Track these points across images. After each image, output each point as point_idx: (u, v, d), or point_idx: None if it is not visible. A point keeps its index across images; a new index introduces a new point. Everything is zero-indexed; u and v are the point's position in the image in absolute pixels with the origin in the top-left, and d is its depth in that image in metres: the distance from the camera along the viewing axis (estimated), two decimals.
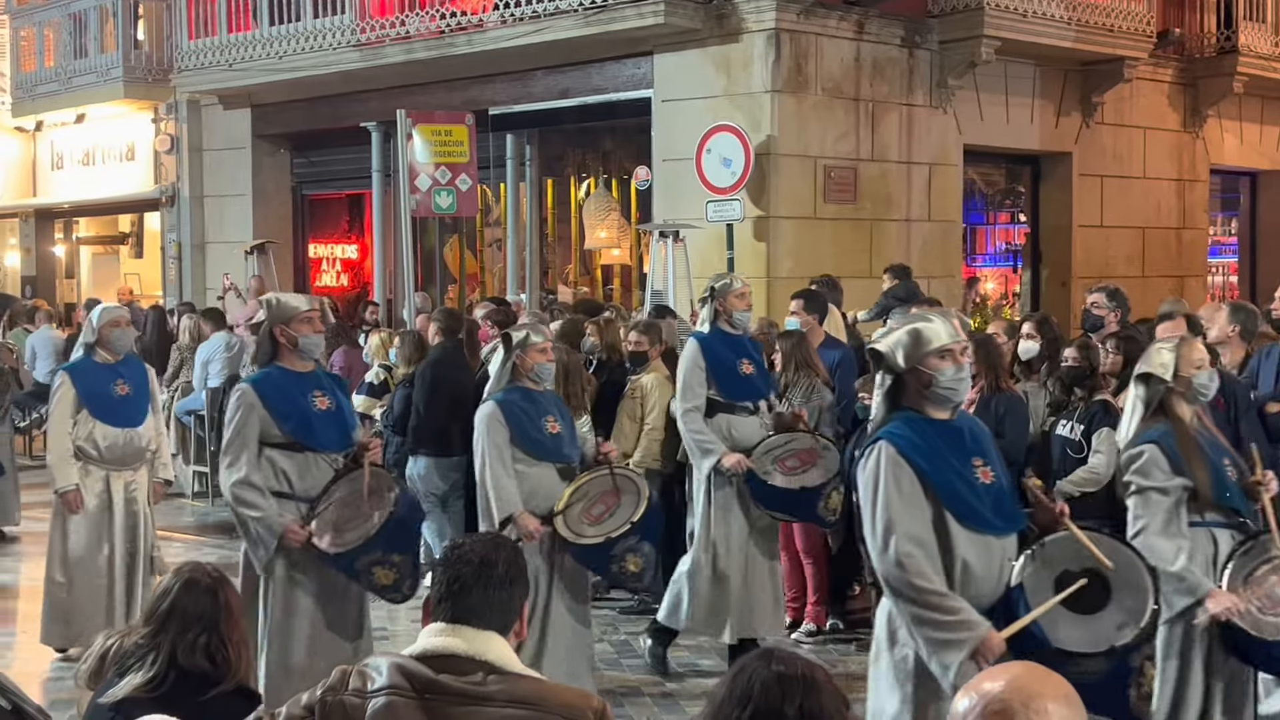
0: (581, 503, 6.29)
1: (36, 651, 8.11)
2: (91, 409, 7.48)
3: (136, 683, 3.59)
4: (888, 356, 4.31)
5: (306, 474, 5.91)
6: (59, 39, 18.50)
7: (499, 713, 2.78)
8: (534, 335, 6.43)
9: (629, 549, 6.19)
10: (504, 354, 6.38)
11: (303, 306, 6.02)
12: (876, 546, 4.19)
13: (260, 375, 6.04)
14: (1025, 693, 1.94)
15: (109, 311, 7.87)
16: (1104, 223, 15.09)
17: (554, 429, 6.36)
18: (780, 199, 12.26)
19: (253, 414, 5.86)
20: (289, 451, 5.89)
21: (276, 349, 5.99)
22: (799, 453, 7.20)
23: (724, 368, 7.32)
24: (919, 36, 13.07)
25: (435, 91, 14.33)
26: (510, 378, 6.37)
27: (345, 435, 6.05)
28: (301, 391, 5.95)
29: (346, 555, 5.71)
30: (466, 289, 16.12)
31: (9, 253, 22.09)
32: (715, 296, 7.43)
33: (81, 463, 7.44)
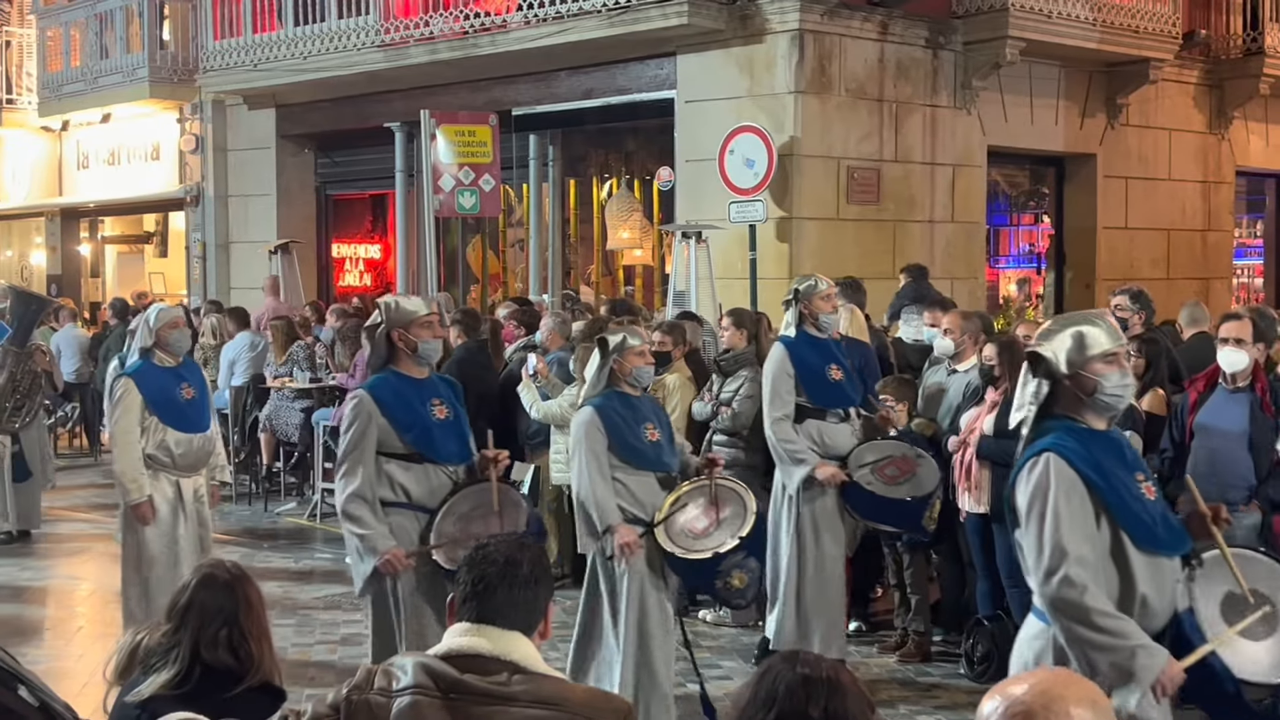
0: (683, 514, 6.05)
1: (63, 650, 8.17)
2: (161, 415, 7.16)
3: (162, 680, 3.60)
4: (1050, 361, 4.00)
5: (424, 486, 5.67)
6: (85, 39, 18.59)
7: (523, 713, 2.79)
8: (632, 339, 6.17)
9: (736, 565, 5.91)
10: (600, 358, 6.15)
11: (422, 310, 5.78)
12: (1043, 566, 3.84)
13: (377, 382, 5.75)
14: (1048, 696, 1.95)
15: (166, 312, 7.54)
16: (1128, 224, 15.03)
17: (653, 436, 6.12)
18: (803, 200, 12.25)
19: (371, 423, 5.61)
20: (406, 462, 5.65)
21: (393, 354, 5.74)
22: (896, 460, 7.01)
23: (812, 373, 7.09)
24: (943, 37, 13.04)
25: (459, 92, 14.36)
26: (607, 382, 6.14)
27: (464, 446, 5.81)
28: (420, 400, 5.70)
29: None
30: (489, 289, 16.15)
31: (35, 251, 22.22)
32: (800, 299, 7.20)
33: (152, 470, 7.14)
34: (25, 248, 22.79)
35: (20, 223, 22.47)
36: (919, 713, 6.97)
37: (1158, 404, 7.47)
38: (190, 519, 7.28)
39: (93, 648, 8.13)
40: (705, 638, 8.27)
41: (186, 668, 3.62)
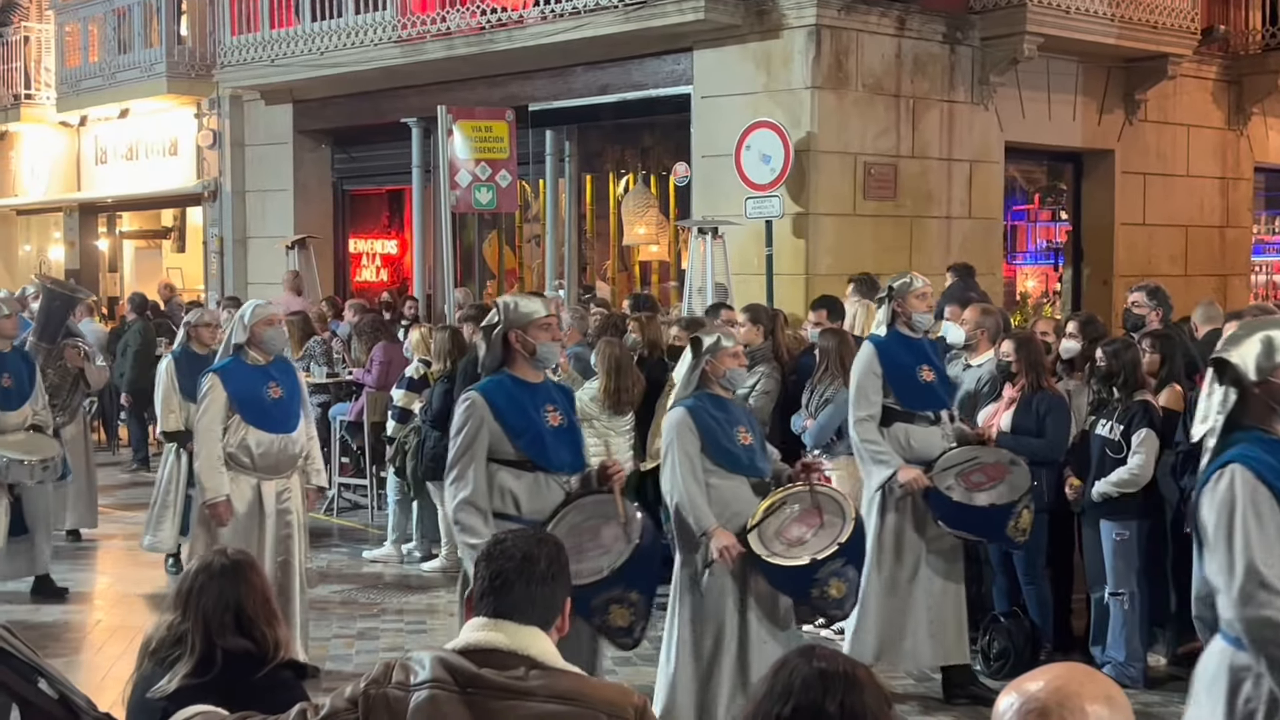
0: (778, 521, 5.80)
1: (80, 644, 8.21)
2: (244, 414, 7.00)
3: (183, 672, 3.60)
4: (1238, 368, 3.79)
5: (536, 496, 5.41)
6: (103, 34, 18.66)
7: (540, 708, 2.80)
8: (725, 340, 5.98)
9: (833, 573, 5.65)
10: (692, 358, 5.96)
11: (541, 311, 5.54)
12: (1235, 590, 3.63)
13: (491, 384, 5.49)
14: (1064, 693, 1.94)
15: (262, 309, 7.28)
16: (1146, 221, 14.97)
17: (746, 440, 5.90)
18: (820, 196, 12.23)
19: (483, 427, 5.37)
20: (518, 470, 5.41)
21: (509, 356, 5.50)
22: (984, 467, 6.73)
23: (902, 374, 6.83)
24: (960, 33, 13.00)
25: (475, 87, 14.37)
26: (698, 383, 5.93)
27: (578, 455, 5.59)
28: (534, 405, 5.46)
29: (583, 591, 5.08)
30: (505, 284, 16.16)
31: (53, 246, 22.32)
32: (894, 296, 6.94)
33: (231, 470, 6.98)
34: (44, 243, 22.89)
35: (39, 218, 22.56)
36: (934, 709, 6.96)
37: (1175, 400, 7.46)
38: (270, 523, 7.03)
39: (110, 641, 8.17)
40: None
41: (204, 656, 3.62)
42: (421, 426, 9.90)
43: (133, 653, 3.90)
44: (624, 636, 5.37)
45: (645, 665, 7.62)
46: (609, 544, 5.27)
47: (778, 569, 5.70)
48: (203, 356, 9.27)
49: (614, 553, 5.23)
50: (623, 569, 5.18)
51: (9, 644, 3.54)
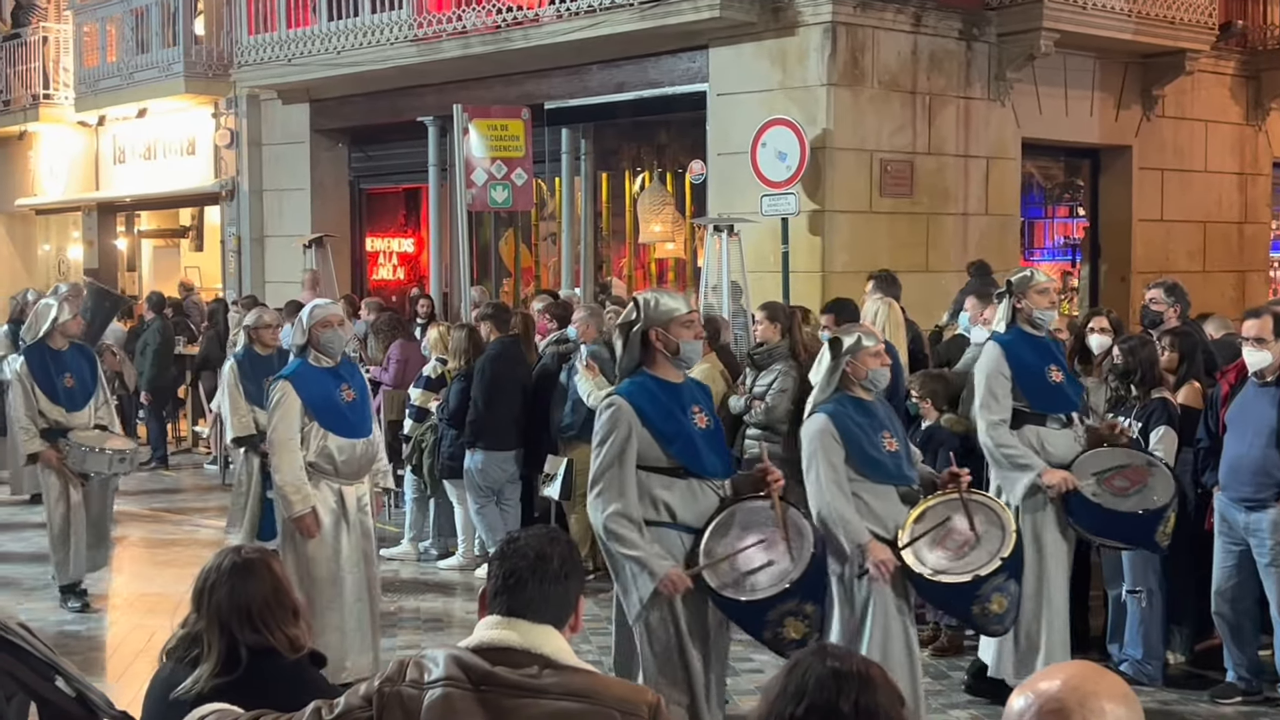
0: (930, 532, 5.48)
1: (99, 644, 8.24)
2: (322, 420, 6.73)
3: (208, 671, 3.59)
4: None
5: (690, 503, 5.15)
6: (121, 34, 18.72)
7: (554, 705, 2.80)
8: (866, 339, 5.65)
9: (996, 589, 5.33)
10: (831, 359, 5.63)
11: (682, 308, 5.29)
12: None
13: (633, 387, 5.21)
14: (1081, 692, 1.93)
15: (320, 310, 7.00)
16: (1164, 217, 14.92)
17: (891, 446, 5.59)
18: (836, 193, 12.21)
19: (631, 434, 5.09)
20: (669, 477, 5.12)
21: (648, 355, 5.24)
22: (1126, 470, 6.39)
23: (1031, 375, 6.50)
24: (977, 29, 12.97)
25: (491, 86, 14.39)
26: (838, 386, 5.63)
27: (727, 458, 5.36)
28: (680, 407, 5.19)
29: (757, 604, 4.90)
30: (521, 283, 16.18)
31: (72, 245, 22.40)
32: (1014, 292, 6.62)
33: (313, 479, 6.72)
34: (63, 242, 22.98)
35: (58, 217, 22.65)
36: (950, 707, 6.95)
37: (1194, 397, 7.44)
38: (354, 529, 6.83)
39: (129, 638, 8.20)
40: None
41: (227, 654, 3.61)
42: (439, 425, 9.92)
43: (150, 652, 3.90)
44: (794, 648, 4.93)
45: None
46: (776, 555, 4.98)
47: (936, 585, 5.40)
48: (266, 358, 9.22)
49: (786, 564, 4.94)
50: (799, 581, 4.90)
51: (26, 641, 3.55)
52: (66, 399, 8.66)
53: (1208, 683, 7.08)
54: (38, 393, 8.59)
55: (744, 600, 4.91)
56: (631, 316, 5.28)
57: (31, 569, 9.89)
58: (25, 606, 8.59)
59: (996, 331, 6.71)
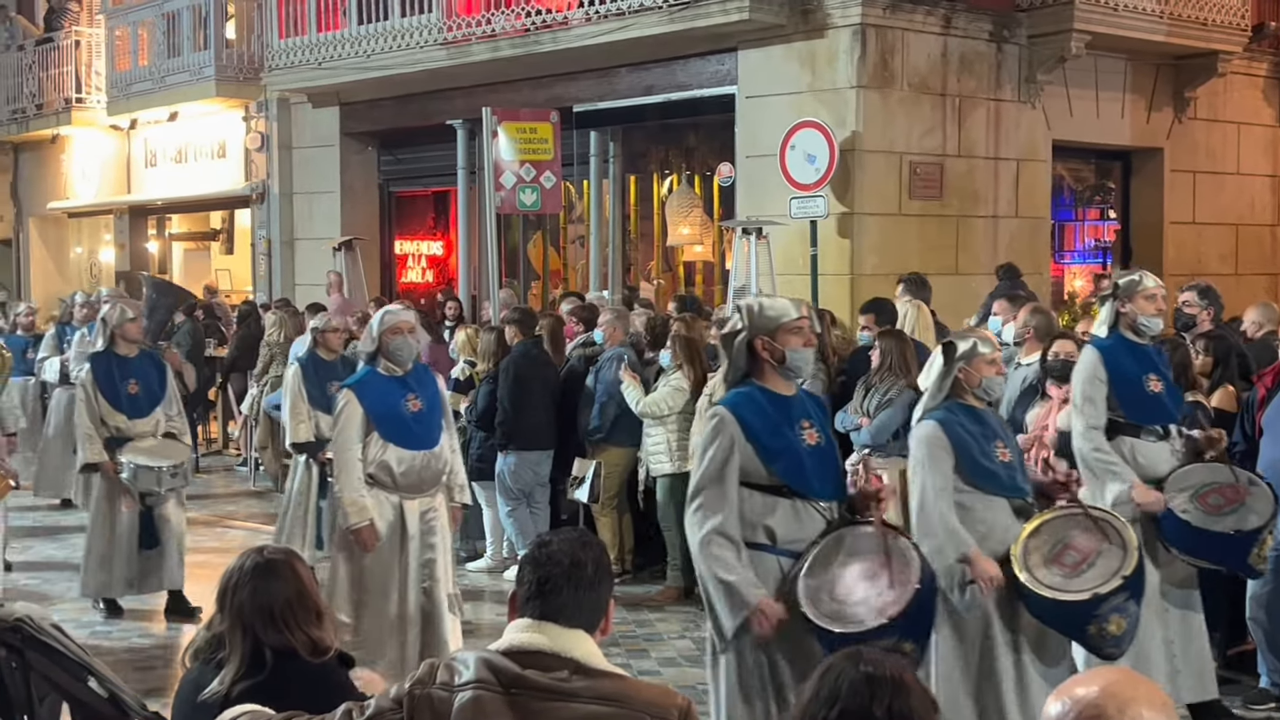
0: (1045, 547, 5.17)
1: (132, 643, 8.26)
2: (383, 431, 6.57)
3: (233, 673, 3.60)
4: None
5: (793, 525, 4.81)
6: (153, 38, 18.83)
7: (584, 709, 2.80)
8: (982, 346, 5.36)
9: (1115, 609, 5.01)
10: (943, 365, 5.35)
11: (791, 313, 4.93)
12: None
13: (739, 398, 4.90)
14: (1120, 699, 1.92)
15: (391, 316, 6.82)
16: (1196, 219, 14.83)
17: (1005, 456, 5.30)
18: (865, 195, 12.18)
19: (734, 448, 4.77)
20: (772, 496, 4.81)
21: (755, 365, 4.91)
22: (1222, 488, 6.09)
23: (1128, 383, 6.23)
24: (1007, 31, 12.92)
25: (520, 89, 14.41)
26: (950, 393, 5.34)
27: (839, 478, 5.00)
28: (789, 421, 4.86)
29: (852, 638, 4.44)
30: (549, 285, 16.20)
31: (104, 248, 22.55)
32: (1119, 296, 6.33)
33: (372, 490, 6.56)
34: (95, 245, 23.13)
35: (90, 220, 22.80)
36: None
37: (1228, 400, 7.38)
38: (414, 546, 6.61)
39: (160, 644, 8.23)
40: None
41: (252, 656, 3.62)
42: (467, 427, 9.93)
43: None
44: None
45: (691, 667, 7.62)
46: (879, 586, 4.67)
47: (1050, 603, 5.08)
48: (330, 363, 9.20)
49: (888, 597, 4.64)
50: (900, 616, 4.59)
51: (59, 642, 3.57)
52: (130, 406, 8.50)
53: (1240, 688, 7.02)
54: (100, 399, 8.45)
55: (838, 632, 4.57)
56: (736, 326, 4.98)
57: (58, 574, 9.93)
58: (58, 607, 8.62)
59: (1096, 336, 6.48)
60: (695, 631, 8.35)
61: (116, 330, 8.63)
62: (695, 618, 8.63)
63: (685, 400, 8.90)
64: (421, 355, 11.32)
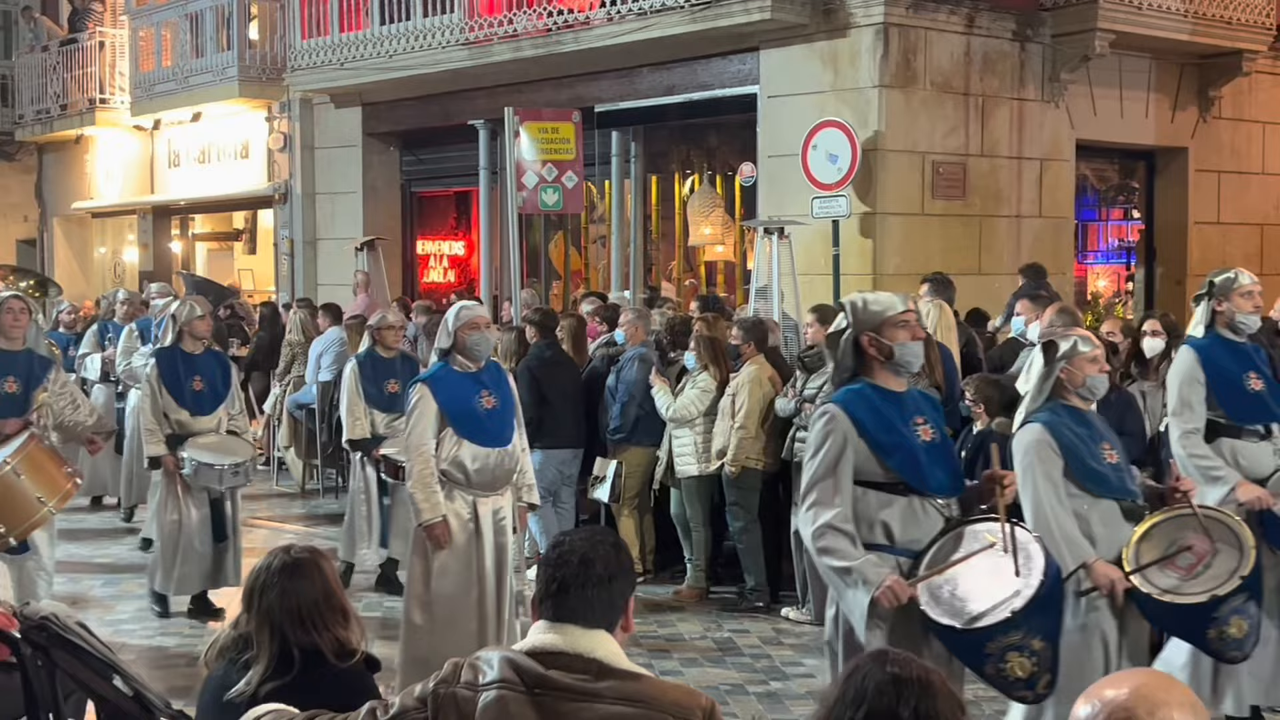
0: (1157, 550, 5.03)
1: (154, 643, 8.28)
2: (458, 427, 6.50)
3: (260, 674, 3.59)
4: None
5: (911, 523, 4.71)
6: (176, 39, 18.91)
7: (608, 709, 2.79)
8: (1083, 344, 5.22)
9: (1234, 610, 4.87)
10: (1045, 365, 5.19)
11: (897, 306, 4.83)
12: None
13: (851, 395, 4.78)
14: (1150, 701, 1.90)
15: (468, 311, 6.73)
16: (1221, 219, 14.75)
17: (1112, 457, 5.15)
18: (887, 195, 12.15)
19: (848, 445, 4.69)
20: (888, 494, 4.71)
21: (863, 362, 4.82)
22: None
23: (1229, 383, 6.10)
24: (1031, 30, 12.87)
25: (542, 89, 14.42)
26: (1051, 393, 5.19)
27: (956, 474, 4.88)
28: (902, 417, 4.76)
29: (975, 634, 4.46)
30: (571, 285, 16.20)
31: (128, 248, 22.65)
32: (1215, 294, 6.23)
33: (444, 488, 6.50)
34: (119, 245, 23.24)
35: (114, 220, 22.91)
36: (1003, 713, 6.87)
37: None
38: (487, 543, 6.57)
39: (185, 643, 8.26)
40: (787, 635, 8.25)
41: (280, 656, 3.62)
42: None
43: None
44: (1022, 689, 4.55)
45: (713, 666, 7.62)
46: (1003, 580, 4.53)
47: (1166, 607, 4.93)
48: (388, 360, 9.17)
49: (1010, 590, 4.50)
50: (1025, 610, 4.44)
51: (85, 641, 3.58)
52: (193, 403, 8.45)
53: None
54: (164, 395, 8.41)
55: (960, 628, 4.47)
56: (841, 324, 4.87)
57: (86, 574, 9.97)
58: (84, 607, 8.66)
59: (1192, 336, 6.33)
60: (716, 632, 8.34)
61: (185, 327, 8.56)
62: (717, 618, 8.63)
63: (711, 401, 8.89)
64: None
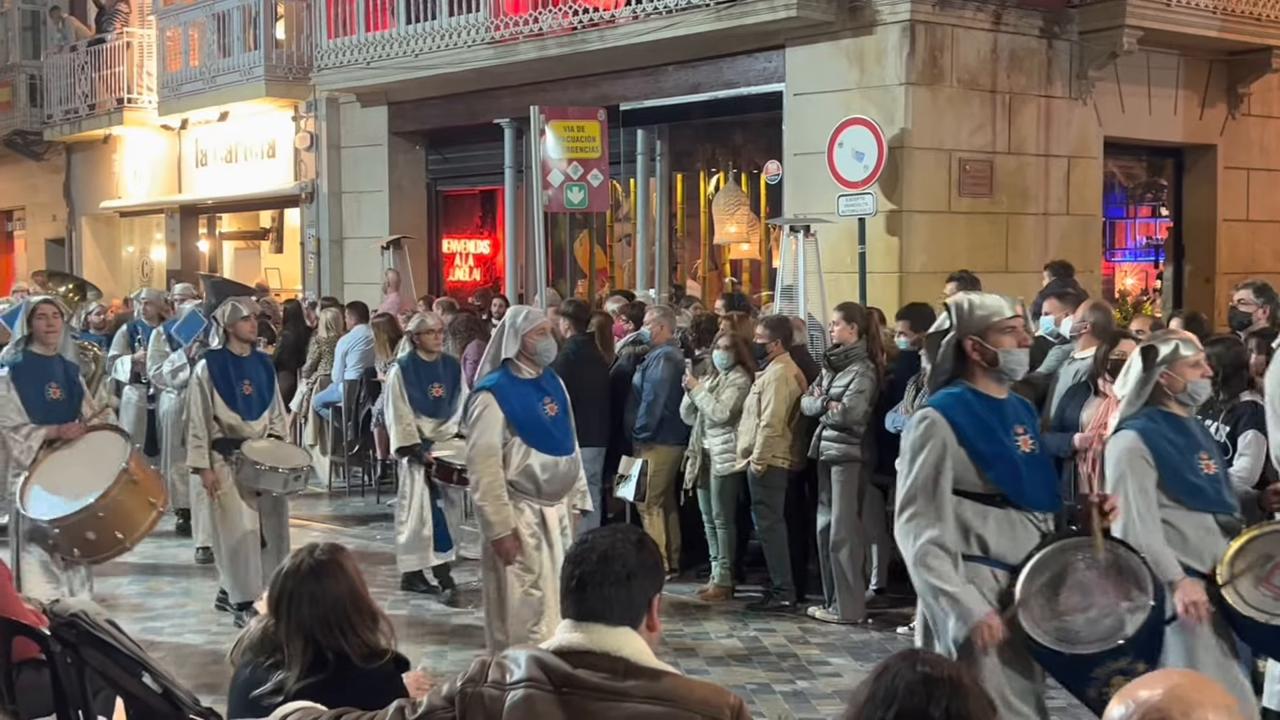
0: (1254, 566, 4.81)
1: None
2: (526, 436, 6.32)
3: (295, 676, 3.57)
4: None
5: (1007, 536, 4.51)
6: (203, 39, 18.99)
7: (636, 708, 2.79)
8: (1185, 348, 5.02)
9: None
10: (1143, 369, 4.99)
11: (1005, 310, 4.62)
12: None
13: (950, 400, 4.62)
14: (1185, 702, 1.89)
15: (536, 314, 6.58)
16: (1250, 217, 14.65)
17: (1210, 468, 4.96)
18: (914, 193, 12.11)
19: (947, 453, 4.50)
20: (984, 505, 4.53)
21: (964, 366, 4.63)
22: None
23: None
24: (1058, 27, 12.81)
25: (567, 88, 14.43)
26: (1149, 399, 4.98)
27: (1054, 489, 4.71)
28: (1004, 426, 4.58)
29: (1083, 659, 4.32)
30: (596, 284, 16.21)
31: (155, 248, 22.76)
32: None
33: (513, 499, 6.34)
34: (146, 244, 23.35)
35: (141, 219, 23.02)
36: None
37: None
38: (557, 551, 6.41)
39: (215, 646, 8.29)
40: (814, 634, 8.23)
41: (311, 657, 3.61)
42: None
43: None
44: None
45: (739, 665, 7.61)
46: (1109, 602, 4.38)
47: (1264, 628, 4.72)
48: (431, 364, 9.13)
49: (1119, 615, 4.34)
50: (1135, 636, 4.29)
51: (114, 638, 3.60)
52: (244, 407, 8.33)
53: None
54: (216, 398, 8.25)
55: (1068, 654, 4.33)
56: (944, 325, 4.70)
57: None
58: (113, 607, 8.69)
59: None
60: (742, 630, 8.33)
61: (230, 328, 8.43)
62: (742, 617, 8.62)
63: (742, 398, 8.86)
64: (469, 354, 11.44)
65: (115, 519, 7.29)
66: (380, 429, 12.58)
